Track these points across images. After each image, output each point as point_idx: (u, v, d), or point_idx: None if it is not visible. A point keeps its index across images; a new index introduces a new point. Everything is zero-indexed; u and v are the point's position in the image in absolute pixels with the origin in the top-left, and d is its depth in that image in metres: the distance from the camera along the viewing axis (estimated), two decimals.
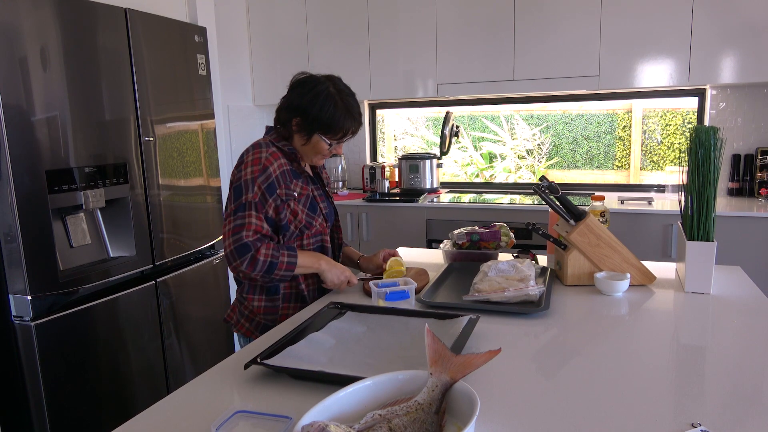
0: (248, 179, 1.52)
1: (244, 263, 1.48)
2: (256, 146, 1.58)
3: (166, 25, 2.57)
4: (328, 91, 1.56)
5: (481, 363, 0.89)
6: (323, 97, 1.55)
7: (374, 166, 3.88)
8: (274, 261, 1.50)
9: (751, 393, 1.02)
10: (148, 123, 2.44)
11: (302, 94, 1.57)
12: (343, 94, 1.58)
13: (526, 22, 3.23)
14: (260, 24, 3.84)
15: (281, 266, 1.51)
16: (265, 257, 1.49)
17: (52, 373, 2.01)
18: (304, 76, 1.62)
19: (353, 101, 1.60)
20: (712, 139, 1.53)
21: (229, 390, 1.07)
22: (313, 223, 1.64)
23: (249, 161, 1.55)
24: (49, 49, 2.01)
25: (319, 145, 1.59)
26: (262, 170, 1.53)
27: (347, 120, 1.57)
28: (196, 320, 2.73)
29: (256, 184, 1.52)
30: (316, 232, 1.65)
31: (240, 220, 1.50)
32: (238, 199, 1.52)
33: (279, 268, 1.51)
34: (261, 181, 1.52)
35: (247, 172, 1.53)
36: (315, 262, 1.59)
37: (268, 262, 1.49)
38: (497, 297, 1.46)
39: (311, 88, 1.56)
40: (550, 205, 1.68)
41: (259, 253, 1.48)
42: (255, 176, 1.52)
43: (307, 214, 1.62)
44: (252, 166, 1.53)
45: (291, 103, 1.58)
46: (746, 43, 2.87)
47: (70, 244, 2.14)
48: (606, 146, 3.89)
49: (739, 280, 1.70)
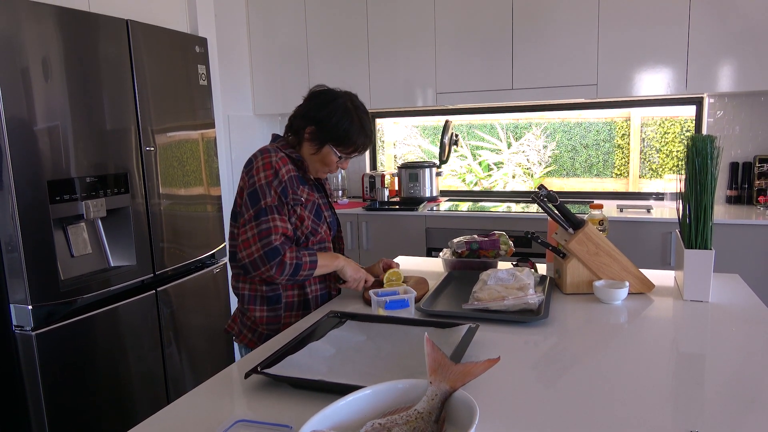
0: (263, 184, 1.53)
1: (273, 268, 1.49)
2: (265, 151, 1.58)
3: (167, 36, 2.59)
4: (346, 105, 1.59)
5: (480, 372, 0.89)
6: (341, 110, 1.58)
7: (374, 175, 3.90)
8: (299, 262, 1.52)
9: (750, 401, 1.02)
10: (149, 133, 2.45)
11: (320, 105, 1.60)
12: (359, 111, 1.62)
13: (525, 31, 3.26)
14: (260, 34, 3.87)
15: (305, 266, 1.53)
16: (291, 260, 1.51)
17: (52, 382, 2.01)
18: (324, 88, 1.65)
19: (367, 119, 1.64)
20: (708, 147, 1.54)
21: (229, 399, 1.08)
22: (318, 230, 1.65)
23: (260, 166, 1.55)
24: (51, 60, 2.03)
25: (329, 157, 1.61)
26: (275, 174, 1.54)
27: (360, 136, 1.60)
28: (196, 329, 2.73)
29: (272, 188, 1.53)
30: (320, 239, 1.66)
31: (265, 224, 1.50)
32: (256, 204, 1.52)
33: (304, 269, 1.53)
34: (275, 185, 1.53)
35: (260, 177, 1.53)
36: (333, 260, 1.62)
37: (294, 264, 1.51)
38: (496, 305, 1.46)
39: (330, 101, 1.60)
40: (549, 213, 1.69)
41: (286, 256, 1.50)
42: (270, 180, 1.53)
43: (312, 221, 1.63)
44: (264, 171, 1.54)
45: (308, 113, 1.61)
46: (743, 51, 2.89)
47: (71, 254, 2.14)
48: (605, 154, 3.90)
49: (738, 287, 1.71)
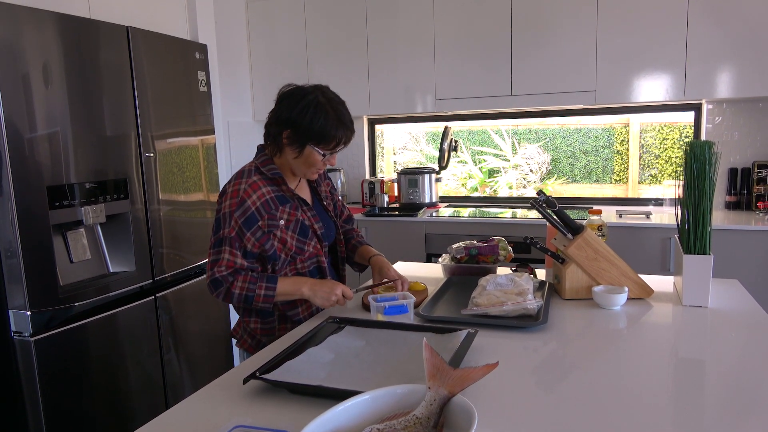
0: (226, 213, 1.51)
1: (220, 296, 1.51)
2: (238, 176, 1.55)
3: (167, 42, 2.60)
4: (317, 100, 1.50)
5: (479, 377, 0.89)
6: (313, 107, 1.49)
7: (373, 181, 3.90)
8: (250, 294, 1.49)
9: (750, 406, 1.02)
10: (148, 139, 2.46)
11: (291, 105, 1.51)
12: (333, 103, 1.52)
13: (523, 37, 3.27)
14: (260, 41, 3.88)
15: (258, 299, 1.50)
16: (240, 290, 1.49)
17: (51, 388, 2.01)
18: (291, 87, 1.56)
19: (344, 109, 1.54)
20: (707, 153, 1.54)
21: (228, 404, 1.07)
22: (305, 248, 1.59)
23: (229, 193, 1.52)
24: (52, 66, 2.04)
25: (312, 156, 1.53)
26: (240, 203, 1.49)
27: (339, 129, 1.51)
28: (195, 335, 2.73)
29: (233, 219, 1.49)
30: (309, 256, 1.61)
31: (215, 255, 1.51)
32: (216, 233, 1.52)
33: (256, 301, 1.50)
34: (238, 215, 1.49)
35: (225, 206, 1.51)
36: (296, 290, 1.53)
37: (244, 296, 1.49)
38: (495, 311, 1.46)
39: (299, 99, 1.50)
40: (548, 219, 1.69)
41: (234, 286, 1.49)
42: (232, 210, 1.50)
43: (297, 240, 1.57)
44: (230, 199, 1.51)
45: (280, 117, 1.53)
46: (741, 58, 2.90)
47: (70, 260, 2.14)
48: (604, 160, 3.91)
49: (737, 293, 1.71)
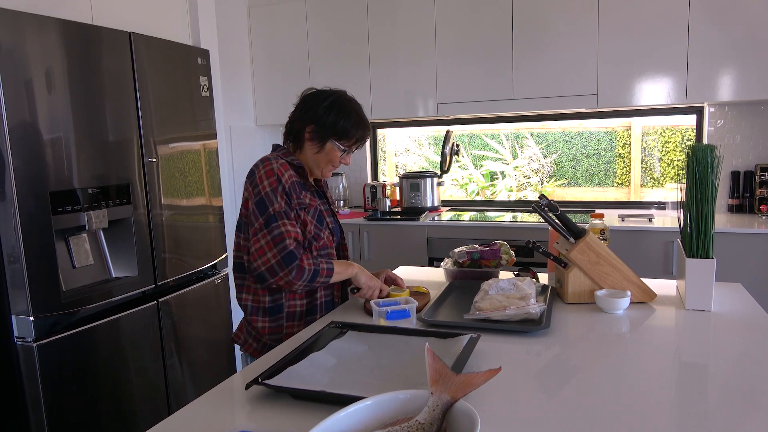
0: (269, 191, 1.53)
1: (292, 272, 1.49)
2: (266, 160, 1.59)
3: (169, 48, 2.61)
4: (340, 100, 1.63)
5: (481, 382, 0.89)
6: (337, 105, 1.62)
7: (375, 185, 3.90)
8: (317, 269, 1.53)
9: (754, 409, 1.02)
10: (151, 144, 2.46)
11: (316, 104, 1.62)
12: (354, 104, 1.66)
13: (525, 41, 3.27)
14: (262, 46, 3.90)
15: (323, 273, 1.54)
16: (309, 266, 1.52)
17: (53, 393, 2.01)
18: (315, 90, 1.68)
19: (362, 111, 1.68)
20: (709, 157, 1.54)
21: (230, 410, 1.07)
22: (321, 235, 1.65)
23: (263, 175, 1.55)
24: (55, 72, 2.05)
25: (333, 152, 1.63)
26: (278, 181, 1.55)
27: (360, 127, 1.64)
28: (197, 340, 2.73)
29: (278, 194, 1.53)
30: (323, 245, 1.66)
31: (277, 230, 1.50)
32: (265, 212, 1.52)
33: (321, 275, 1.54)
34: (281, 191, 1.54)
35: (265, 185, 1.54)
36: (348, 267, 1.63)
37: (312, 270, 1.52)
38: (498, 315, 1.46)
39: (325, 98, 1.63)
40: (550, 223, 1.69)
41: (303, 261, 1.51)
42: (274, 187, 1.54)
43: (315, 226, 1.63)
44: (268, 178, 1.55)
45: (305, 113, 1.63)
46: (743, 61, 2.90)
47: (73, 265, 2.15)
48: (606, 163, 3.91)
49: (740, 296, 1.70)
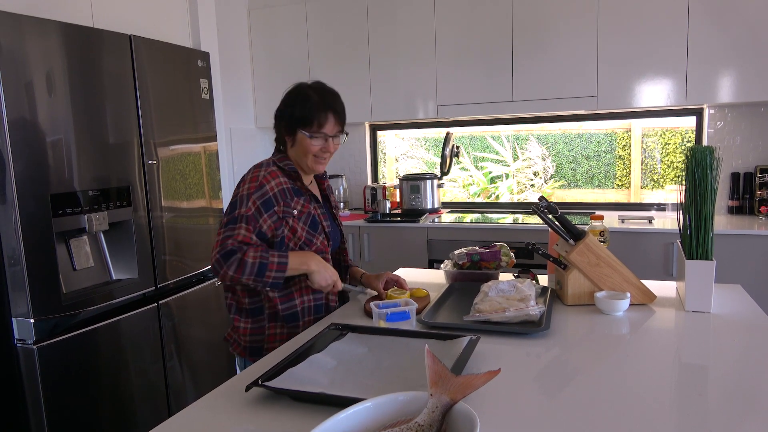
0: (244, 195, 1.56)
1: (231, 267, 1.46)
2: (257, 166, 1.63)
3: (169, 50, 2.62)
4: (299, 89, 1.65)
5: (481, 384, 0.89)
6: (295, 94, 1.64)
7: (375, 187, 3.90)
8: (264, 262, 1.47)
9: (753, 411, 1.02)
10: (151, 146, 2.47)
11: (283, 100, 1.67)
12: (318, 90, 1.65)
13: (524, 43, 3.28)
14: (262, 48, 3.90)
15: (272, 266, 1.48)
16: (254, 259, 1.47)
17: (54, 395, 2.01)
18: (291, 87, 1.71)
19: (328, 95, 1.64)
20: (708, 159, 1.54)
21: (230, 412, 1.08)
22: (314, 241, 1.64)
23: (247, 179, 1.60)
24: (55, 75, 2.05)
25: (304, 142, 1.61)
26: (258, 187, 1.56)
27: (318, 108, 1.60)
28: (198, 342, 2.73)
29: (251, 200, 1.54)
30: (317, 250, 1.64)
31: (229, 231, 1.52)
32: (231, 213, 1.55)
33: (270, 269, 1.48)
34: (256, 197, 1.55)
35: (243, 189, 1.57)
36: (304, 262, 1.54)
37: (258, 263, 1.47)
38: (498, 317, 1.46)
39: (289, 93, 1.67)
40: (549, 225, 1.69)
41: (247, 255, 1.47)
42: (251, 192, 1.55)
43: (307, 232, 1.63)
44: (249, 183, 1.58)
45: (277, 114, 1.67)
46: (742, 62, 2.91)
47: (74, 267, 2.15)
48: (606, 165, 3.91)
49: (740, 298, 1.70)
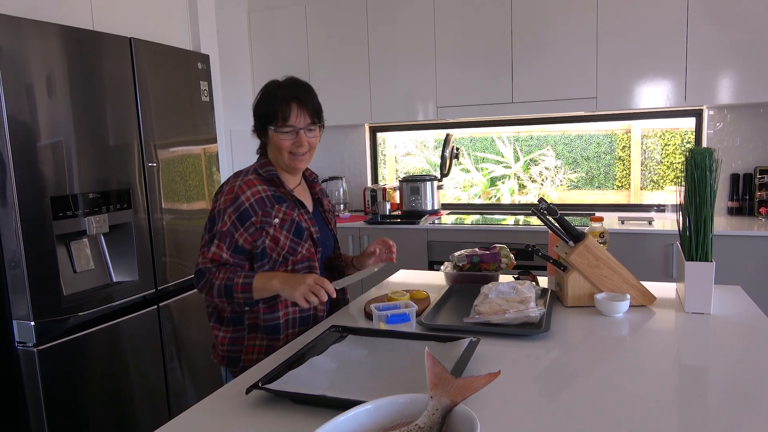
0: (221, 209, 1.54)
1: (203, 289, 1.50)
2: (236, 175, 1.61)
3: (169, 53, 2.62)
4: (264, 88, 1.62)
5: (481, 386, 0.89)
6: (263, 92, 1.62)
7: (375, 189, 3.91)
8: (229, 284, 1.46)
9: (753, 412, 1.02)
10: (151, 149, 2.47)
11: (254, 102, 1.64)
12: (284, 83, 1.61)
13: (524, 45, 3.28)
14: (262, 50, 3.90)
15: (236, 288, 1.46)
16: (221, 281, 1.47)
17: (54, 398, 2.01)
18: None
19: (293, 86, 1.60)
20: (707, 160, 1.54)
21: (231, 415, 1.08)
22: (299, 249, 1.58)
23: (224, 191, 1.57)
24: (55, 77, 2.05)
25: (275, 138, 1.58)
26: (233, 200, 1.53)
27: (278, 101, 1.56)
28: (198, 344, 2.73)
29: (226, 213, 1.53)
30: (302, 258, 1.59)
31: (205, 249, 1.53)
32: (210, 230, 1.54)
33: (235, 291, 1.46)
34: (231, 210, 1.52)
35: (220, 202, 1.55)
36: (267, 282, 1.46)
37: (224, 285, 1.47)
38: (498, 319, 1.46)
39: (258, 93, 1.63)
40: (549, 226, 1.69)
41: (216, 277, 1.48)
42: (226, 206, 1.53)
43: (291, 240, 1.57)
44: (225, 195, 1.55)
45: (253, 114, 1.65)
46: (742, 63, 2.91)
47: (74, 270, 2.15)
48: (606, 166, 3.91)
49: (740, 299, 1.70)
